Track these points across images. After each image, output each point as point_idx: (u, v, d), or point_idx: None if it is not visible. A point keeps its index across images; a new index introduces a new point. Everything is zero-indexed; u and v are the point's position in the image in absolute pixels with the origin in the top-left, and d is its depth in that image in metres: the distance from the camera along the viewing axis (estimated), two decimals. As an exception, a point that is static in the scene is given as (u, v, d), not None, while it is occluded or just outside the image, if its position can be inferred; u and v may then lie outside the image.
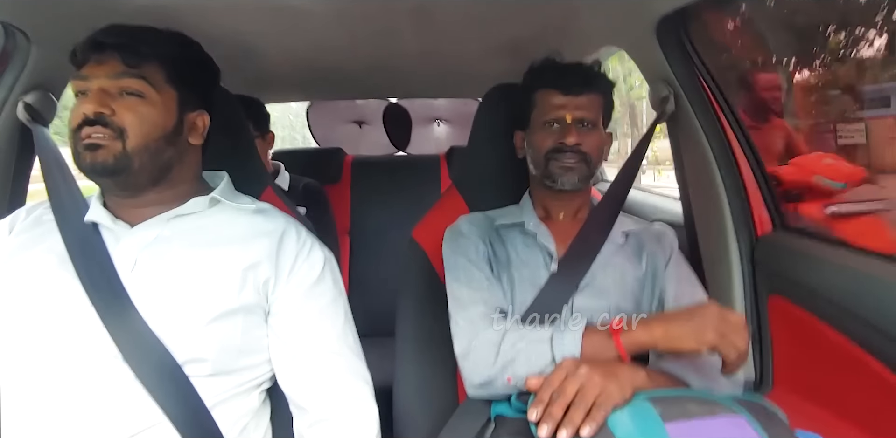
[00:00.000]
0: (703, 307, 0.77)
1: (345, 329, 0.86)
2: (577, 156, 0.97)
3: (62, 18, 0.99)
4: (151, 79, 0.78)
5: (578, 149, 0.96)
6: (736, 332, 0.73)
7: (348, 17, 1.10)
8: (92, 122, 0.74)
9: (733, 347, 0.73)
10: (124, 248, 0.79)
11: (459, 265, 0.96)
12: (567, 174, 0.97)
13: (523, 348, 0.81)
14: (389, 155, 2.49)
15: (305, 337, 0.82)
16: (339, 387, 0.83)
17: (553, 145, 0.97)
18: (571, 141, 0.95)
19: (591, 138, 0.98)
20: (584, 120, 0.98)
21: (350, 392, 0.83)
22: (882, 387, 0.76)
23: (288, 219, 0.90)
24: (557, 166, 0.97)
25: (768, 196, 1.07)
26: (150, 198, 0.82)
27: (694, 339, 0.73)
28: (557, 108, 0.98)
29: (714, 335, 0.73)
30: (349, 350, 0.85)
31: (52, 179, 0.87)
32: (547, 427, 0.65)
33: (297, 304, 0.83)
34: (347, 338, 0.86)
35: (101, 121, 0.75)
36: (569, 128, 0.96)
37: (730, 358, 0.73)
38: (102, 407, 0.70)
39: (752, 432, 0.61)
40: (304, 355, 0.82)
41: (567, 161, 0.97)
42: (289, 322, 0.82)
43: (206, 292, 0.77)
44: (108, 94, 0.76)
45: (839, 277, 0.85)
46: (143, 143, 0.76)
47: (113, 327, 0.72)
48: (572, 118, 0.97)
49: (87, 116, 0.74)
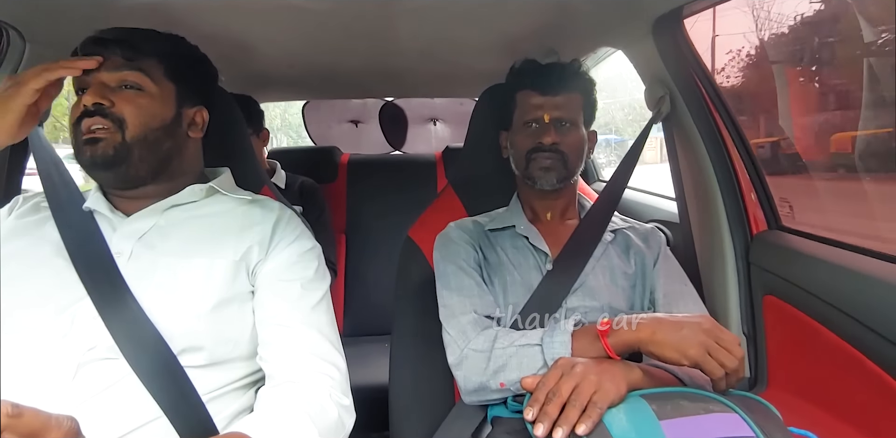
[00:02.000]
0: (696, 320, 0.75)
1: (317, 310, 0.84)
2: (556, 156, 0.97)
3: (57, 17, 0.99)
4: (150, 72, 0.80)
5: (556, 149, 0.97)
6: (725, 351, 0.71)
7: (344, 16, 1.10)
8: (91, 113, 0.76)
9: (719, 366, 0.71)
10: (121, 237, 0.79)
11: (449, 272, 0.96)
12: (546, 174, 0.98)
13: (514, 353, 0.82)
14: (386, 154, 2.49)
15: (275, 307, 0.81)
16: (299, 361, 0.79)
17: (532, 145, 0.98)
18: (549, 140, 0.96)
19: (569, 137, 0.99)
20: (563, 119, 0.99)
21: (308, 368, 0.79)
22: (875, 386, 0.76)
23: (283, 208, 0.91)
24: (536, 167, 0.98)
25: (763, 195, 1.08)
26: (149, 190, 0.83)
27: (677, 350, 0.72)
28: (535, 109, 0.99)
29: (698, 351, 0.71)
30: (317, 331, 0.81)
31: (48, 175, 0.87)
32: (543, 426, 0.66)
33: (275, 277, 0.83)
34: (319, 320, 0.83)
35: (101, 111, 0.76)
36: (547, 127, 0.97)
37: (715, 376, 0.71)
38: (99, 402, 0.69)
39: (746, 429, 0.62)
40: (270, 324, 0.81)
41: (545, 161, 0.97)
42: (263, 293, 0.82)
43: (201, 281, 0.78)
44: (108, 87, 0.78)
45: (834, 276, 0.85)
46: (142, 134, 0.78)
47: (109, 316, 0.72)
48: (550, 118, 0.98)
49: (87, 108, 0.76)
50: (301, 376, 0.77)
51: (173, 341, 0.73)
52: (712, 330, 0.73)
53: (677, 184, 1.21)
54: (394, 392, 1.04)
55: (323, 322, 0.84)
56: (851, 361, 0.80)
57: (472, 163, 1.21)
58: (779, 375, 1.00)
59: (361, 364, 1.52)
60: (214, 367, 0.77)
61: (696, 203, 1.17)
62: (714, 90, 1.07)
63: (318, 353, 0.80)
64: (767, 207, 1.08)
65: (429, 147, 2.49)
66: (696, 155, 1.10)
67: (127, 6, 0.96)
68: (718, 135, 1.08)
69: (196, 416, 0.73)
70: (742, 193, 1.09)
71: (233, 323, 0.79)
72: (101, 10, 0.98)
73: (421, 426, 0.99)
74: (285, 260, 0.84)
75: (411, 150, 2.49)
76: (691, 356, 0.71)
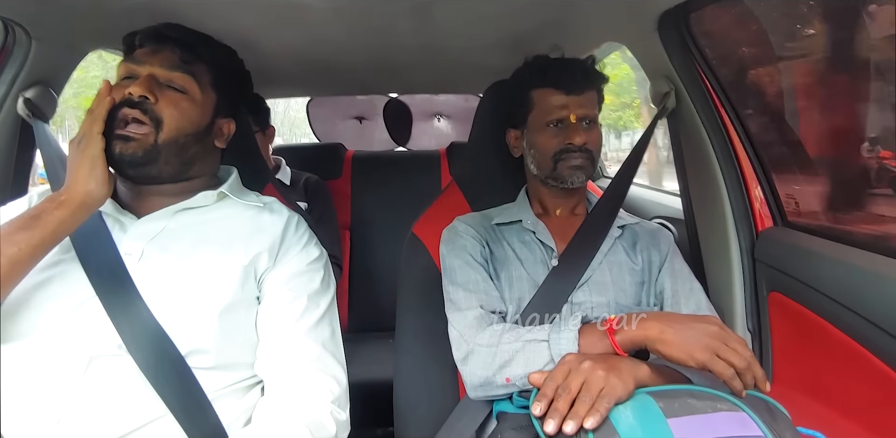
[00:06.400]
0: (703, 322, 0.75)
1: (321, 324, 0.84)
2: (585, 155, 0.97)
3: (63, 14, 0.99)
4: (199, 78, 0.82)
5: (585, 148, 0.96)
6: (733, 351, 0.71)
7: (348, 12, 1.09)
8: (133, 104, 0.76)
9: (727, 366, 0.70)
10: (131, 239, 0.80)
11: (456, 266, 0.96)
12: (576, 173, 0.97)
13: (521, 348, 0.82)
14: (390, 150, 2.49)
15: (279, 318, 0.82)
16: (300, 374, 0.79)
17: (560, 146, 0.97)
18: (580, 141, 0.95)
19: (593, 136, 0.98)
20: (587, 118, 0.98)
21: (309, 381, 0.79)
22: (882, 384, 0.76)
23: (291, 214, 0.92)
24: (566, 166, 0.97)
25: (769, 191, 1.07)
26: (163, 189, 0.84)
27: (684, 351, 0.72)
28: (560, 108, 0.97)
29: (704, 354, 0.71)
30: (320, 345, 0.82)
31: (54, 171, 0.88)
32: (553, 422, 0.66)
33: (280, 286, 0.83)
34: (323, 333, 0.84)
35: (143, 106, 0.77)
36: (575, 128, 0.96)
37: (725, 376, 0.70)
38: (106, 399, 0.70)
39: (755, 428, 0.62)
40: (273, 335, 0.81)
41: (575, 161, 0.97)
42: (268, 302, 0.82)
43: (210, 285, 0.78)
44: (157, 83, 0.79)
45: (840, 273, 0.85)
46: (175, 137, 0.79)
47: (117, 316, 0.72)
48: (576, 117, 0.97)
49: (132, 97, 0.76)
50: (301, 389, 0.77)
51: (180, 343, 0.74)
52: (720, 333, 0.73)
53: (682, 180, 1.21)
54: (398, 387, 1.04)
55: (326, 335, 0.84)
56: (857, 358, 0.80)
57: (477, 160, 1.21)
58: (784, 372, 1.00)
59: (366, 359, 1.53)
60: (220, 369, 0.77)
61: (701, 199, 1.16)
62: (720, 86, 1.06)
63: (319, 367, 0.80)
64: (773, 204, 1.07)
65: (433, 143, 2.48)
66: (702, 151, 1.10)
67: (131, 3, 0.96)
68: (724, 131, 1.08)
69: (203, 415, 0.73)
70: (747, 189, 1.08)
71: (239, 327, 0.80)
72: (105, 8, 0.98)
73: (426, 421, 0.99)
74: (292, 270, 0.85)
75: (416, 146, 2.49)
76: (697, 358, 0.71)
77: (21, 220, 0.70)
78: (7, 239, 0.68)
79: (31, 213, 0.71)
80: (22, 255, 0.69)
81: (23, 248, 0.69)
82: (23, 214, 0.71)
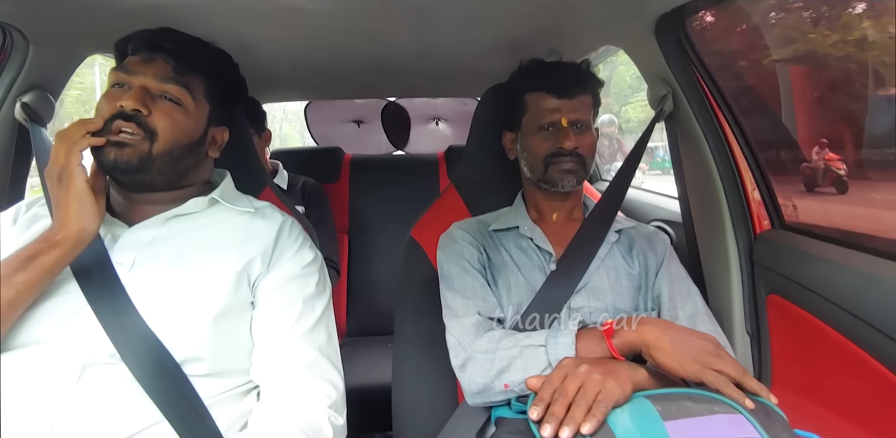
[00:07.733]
0: (701, 339, 0.75)
1: (317, 328, 0.83)
2: (575, 159, 0.97)
3: (60, 18, 0.99)
4: (193, 90, 0.81)
5: (576, 152, 0.96)
6: (728, 364, 0.71)
7: (346, 17, 1.10)
8: (127, 117, 0.76)
9: (718, 375, 0.70)
10: (122, 248, 0.79)
11: (453, 273, 0.96)
12: (566, 177, 0.97)
13: (518, 354, 0.82)
14: (388, 154, 2.49)
15: (274, 323, 0.81)
16: (297, 379, 0.78)
17: (551, 149, 0.97)
18: (570, 145, 0.95)
19: (585, 140, 0.98)
20: (579, 122, 0.98)
21: (306, 386, 0.78)
22: (880, 386, 0.76)
23: (285, 217, 0.91)
24: (556, 170, 0.97)
25: (767, 194, 1.07)
26: (156, 197, 0.84)
27: (676, 361, 0.72)
28: (552, 112, 0.98)
29: (695, 365, 0.71)
30: (317, 350, 0.81)
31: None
32: (550, 427, 0.65)
33: (274, 291, 0.83)
34: (319, 338, 0.83)
35: (137, 118, 0.76)
36: (566, 132, 0.96)
37: (717, 384, 0.69)
38: (100, 407, 0.69)
39: (752, 430, 0.62)
40: (268, 341, 0.80)
41: (566, 165, 0.97)
42: (263, 308, 0.82)
43: (202, 292, 0.77)
44: (150, 95, 0.78)
45: (838, 275, 0.85)
46: (169, 149, 0.79)
47: (110, 325, 0.72)
48: (568, 121, 0.97)
49: (124, 111, 0.75)
50: (298, 394, 0.77)
51: (174, 351, 0.73)
52: (715, 350, 0.74)
53: (680, 183, 1.21)
54: (397, 392, 1.04)
55: (322, 340, 0.83)
56: (855, 360, 0.80)
57: (475, 163, 1.21)
58: (782, 374, 1.00)
59: (364, 364, 1.52)
60: (215, 376, 0.77)
61: (699, 202, 1.16)
62: (717, 89, 1.06)
63: (315, 372, 0.80)
64: (771, 206, 1.07)
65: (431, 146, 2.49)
66: (700, 154, 1.10)
67: (130, 7, 0.96)
68: (722, 133, 1.08)
69: (200, 422, 0.73)
70: (745, 192, 1.08)
71: (234, 333, 0.79)
72: (103, 12, 0.98)
73: (424, 426, 0.98)
74: (287, 274, 0.84)
75: (414, 150, 2.49)
76: (688, 369, 0.71)
77: (17, 262, 0.70)
78: (5, 282, 0.68)
79: (28, 254, 0.71)
80: (20, 297, 0.70)
81: (21, 290, 0.69)
82: (18, 254, 0.71)
